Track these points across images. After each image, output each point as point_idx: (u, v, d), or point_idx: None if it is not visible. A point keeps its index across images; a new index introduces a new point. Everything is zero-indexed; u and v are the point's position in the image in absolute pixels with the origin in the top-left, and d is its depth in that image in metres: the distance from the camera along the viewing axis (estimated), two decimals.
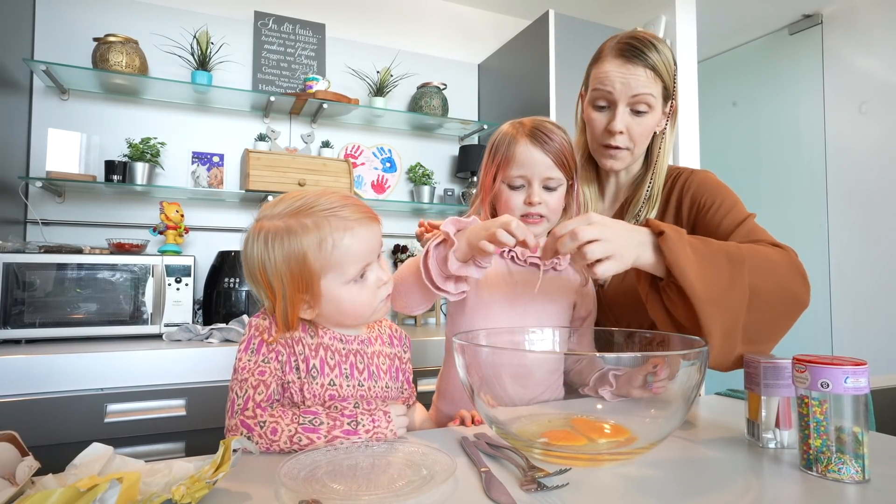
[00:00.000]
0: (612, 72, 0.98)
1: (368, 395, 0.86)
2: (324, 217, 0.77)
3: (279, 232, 0.78)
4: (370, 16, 2.62)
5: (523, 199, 0.97)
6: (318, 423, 0.75)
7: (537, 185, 0.97)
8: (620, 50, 0.99)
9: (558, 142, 0.96)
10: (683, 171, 1.08)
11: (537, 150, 0.95)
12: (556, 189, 0.98)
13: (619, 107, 1.00)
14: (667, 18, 2.51)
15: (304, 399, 0.80)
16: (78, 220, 2.06)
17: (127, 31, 2.10)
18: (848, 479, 0.64)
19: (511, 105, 2.51)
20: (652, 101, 0.99)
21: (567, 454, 0.71)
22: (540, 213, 0.97)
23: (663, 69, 0.99)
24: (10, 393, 1.37)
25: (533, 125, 0.98)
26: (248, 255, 0.81)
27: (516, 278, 1.01)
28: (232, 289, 1.93)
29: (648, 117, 1.00)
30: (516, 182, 0.97)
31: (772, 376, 0.77)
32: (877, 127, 2.67)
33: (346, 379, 0.84)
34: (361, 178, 2.54)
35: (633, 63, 0.97)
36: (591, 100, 1.03)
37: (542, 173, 0.96)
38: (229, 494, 0.61)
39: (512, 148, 0.97)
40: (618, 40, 1.00)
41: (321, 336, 0.84)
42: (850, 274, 2.76)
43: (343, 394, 0.83)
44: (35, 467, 0.58)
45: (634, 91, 0.98)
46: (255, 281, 0.81)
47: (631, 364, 0.76)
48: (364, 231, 0.79)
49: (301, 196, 0.81)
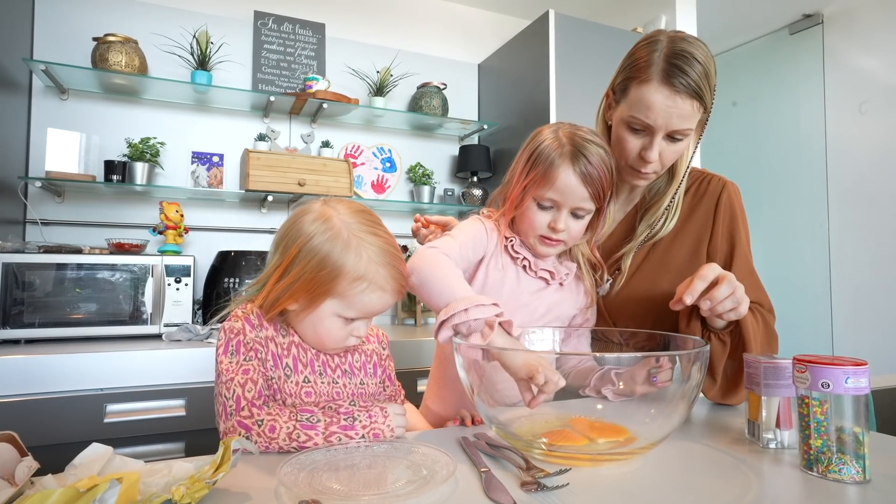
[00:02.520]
0: (658, 104, 0.90)
1: (344, 392, 0.87)
2: (376, 265, 0.81)
3: (340, 237, 0.80)
4: (370, 16, 2.62)
5: (548, 221, 0.94)
6: (315, 420, 0.75)
7: (566, 212, 0.93)
8: (668, 74, 0.89)
9: (599, 171, 0.91)
10: (713, 179, 1.04)
11: (577, 178, 0.90)
12: (584, 217, 0.95)
13: (657, 136, 0.93)
14: (667, 18, 2.51)
15: (284, 398, 0.82)
16: (77, 220, 2.06)
17: (127, 30, 2.10)
18: (848, 479, 0.64)
19: (511, 105, 2.51)
20: (689, 132, 0.94)
21: (567, 454, 0.71)
22: (561, 238, 0.95)
23: (707, 91, 0.91)
24: (9, 393, 1.37)
25: (576, 146, 0.91)
26: (298, 227, 0.82)
27: (523, 287, 0.99)
28: (232, 289, 1.93)
29: (683, 143, 0.96)
30: (546, 204, 0.94)
31: (772, 376, 0.77)
32: (877, 127, 2.67)
33: (320, 376, 0.85)
34: (361, 178, 2.54)
35: (681, 94, 0.89)
36: (627, 121, 0.96)
37: (574, 203, 0.92)
38: (229, 494, 0.61)
39: (552, 170, 0.91)
40: (664, 55, 0.90)
41: (292, 335, 0.86)
42: (850, 274, 2.76)
43: (318, 391, 0.84)
44: (34, 467, 0.58)
45: (676, 127, 0.92)
46: (284, 249, 0.82)
47: (631, 363, 0.76)
48: (388, 299, 0.84)
49: (373, 225, 0.84)
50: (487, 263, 0.98)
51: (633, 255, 1.04)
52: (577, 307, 1.03)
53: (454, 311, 0.79)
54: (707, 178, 1.05)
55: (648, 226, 1.03)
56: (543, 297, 0.99)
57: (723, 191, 1.02)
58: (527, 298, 0.98)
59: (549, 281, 0.99)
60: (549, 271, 0.99)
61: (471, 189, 2.57)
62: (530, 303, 0.98)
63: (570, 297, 1.02)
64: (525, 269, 0.99)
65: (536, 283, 0.99)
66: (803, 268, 2.92)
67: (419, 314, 2.43)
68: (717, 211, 1.01)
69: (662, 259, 1.02)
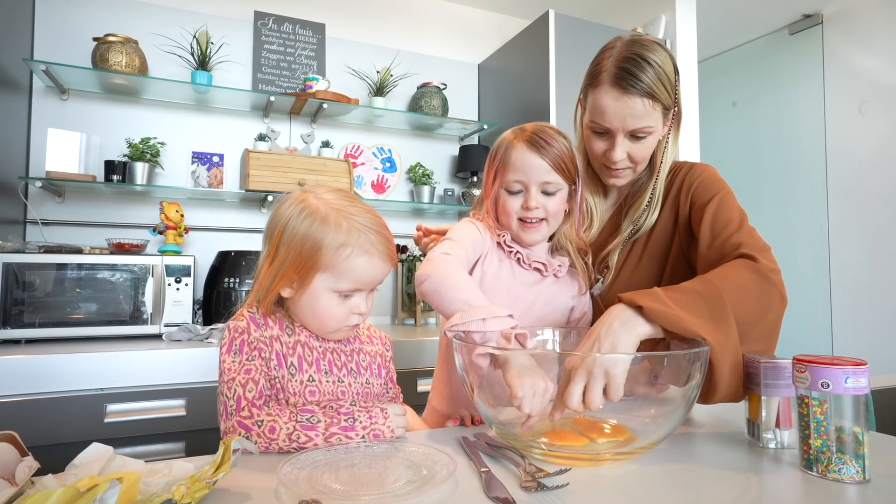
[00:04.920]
0: (609, 107, 0.94)
1: (349, 392, 0.87)
2: (357, 231, 0.81)
3: (316, 213, 0.82)
4: (370, 16, 2.62)
5: (521, 203, 0.97)
6: (315, 420, 0.75)
7: (535, 189, 0.96)
8: (616, 78, 0.93)
9: (557, 147, 0.95)
10: (683, 166, 1.07)
11: (534, 154, 0.94)
12: (556, 193, 0.97)
13: (618, 137, 0.97)
14: (667, 18, 2.51)
15: (287, 397, 0.82)
16: (78, 220, 2.06)
17: (127, 30, 2.10)
18: (848, 479, 0.64)
19: (511, 105, 2.51)
20: (651, 129, 0.96)
21: (567, 454, 0.71)
22: (538, 216, 0.97)
23: (661, 91, 0.94)
24: (10, 393, 1.37)
25: (532, 131, 0.97)
26: (278, 213, 0.85)
27: (519, 280, 1.01)
28: (232, 289, 1.93)
29: (649, 139, 0.98)
30: (514, 187, 0.97)
31: (772, 376, 0.77)
32: (877, 127, 2.67)
33: (325, 375, 0.85)
34: (361, 178, 2.54)
35: (630, 94, 0.92)
36: (590, 126, 1.00)
37: (539, 178, 0.95)
38: (229, 494, 0.61)
39: (509, 153, 0.96)
40: (615, 60, 0.94)
41: (298, 334, 0.86)
42: (850, 274, 2.76)
43: (322, 390, 0.84)
44: (35, 467, 0.58)
45: (631, 127, 0.95)
46: (269, 238, 0.85)
47: (633, 364, 0.76)
48: (378, 263, 0.84)
49: (352, 201, 0.86)
50: (484, 260, 1.01)
51: (620, 252, 1.06)
52: (572, 298, 1.05)
53: (471, 318, 0.80)
54: (678, 167, 1.06)
55: (632, 221, 1.05)
56: (540, 290, 1.02)
57: (686, 176, 1.03)
58: (522, 290, 1.01)
59: (544, 272, 1.01)
60: (542, 263, 1.01)
61: (471, 189, 2.57)
62: (526, 295, 1.01)
63: (566, 288, 1.05)
64: (519, 262, 1.01)
65: (531, 275, 1.02)
66: (803, 267, 2.92)
67: (419, 314, 2.43)
68: (680, 191, 1.03)
69: (647, 252, 1.04)
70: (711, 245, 0.92)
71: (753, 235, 0.92)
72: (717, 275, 0.84)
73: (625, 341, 0.76)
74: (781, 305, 0.85)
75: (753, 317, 0.82)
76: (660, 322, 0.76)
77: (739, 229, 0.92)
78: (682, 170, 1.06)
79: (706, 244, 0.93)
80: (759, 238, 0.92)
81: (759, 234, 0.94)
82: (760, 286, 0.83)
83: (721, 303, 0.80)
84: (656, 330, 0.78)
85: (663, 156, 1.03)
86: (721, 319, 0.79)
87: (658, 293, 0.80)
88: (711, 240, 0.93)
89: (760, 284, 0.84)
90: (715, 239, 0.92)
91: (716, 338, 0.77)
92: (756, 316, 0.83)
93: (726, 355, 0.77)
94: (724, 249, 0.90)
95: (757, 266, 0.85)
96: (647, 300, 0.77)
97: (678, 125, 1.03)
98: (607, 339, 0.76)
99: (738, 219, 0.93)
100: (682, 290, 0.81)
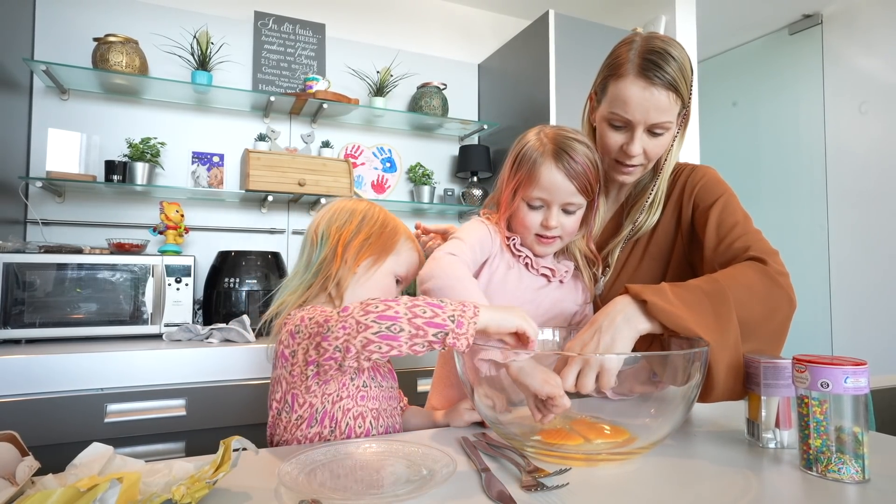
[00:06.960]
0: (633, 97, 0.93)
1: (379, 396, 0.90)
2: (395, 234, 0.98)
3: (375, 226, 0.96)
4: (370, 16, 2.62)
5: (540, 220, 0.95)
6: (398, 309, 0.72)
7: (556, 209, 0.94)
8: (643, 68, 0.92)
9: (583, 166, 0.92)
10: (685, 168, 1.07)
11: (563, 176, 0.92)
12: (575, 212, 0.96)
13: (638, 130, 0.95)
14: (667, 18, 2.51)
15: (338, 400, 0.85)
16: (78, 220, 2.06)
17: (127, 31, 2.10)
18: (848, 479, 0.64)
19: (511, 105, 2.51)
20: (669, 125, 0.96)
21: (562, 453, 0.71)
22: (556, 234, 0.96)
23: (683, 85, 0.93)
24: (10, 393, 1.37)
25: (558, 145, 0.93)
26: (328, 219, 0.95)
27: (526, 285, 1.00)
28: (232, 289, 1.93)
29: (665, 137, 0.98)
30: (535, 203, 0.95)
31: (772, 376, 0.77)
32: (877, 127, 2.67)
33: (372, 380, 0.90)
34: (361, 178, 2.54)
35: (655, 85, 0.91)
36: (608, 118, 0.98)
37: (563, 199, 0.94)
38: (229, 494, 0.61)
39: (538, 169, 0.93)
40: (639, 52, 0.93)
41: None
42: (850, 274, 2.76)
43: (370, 395, 0.89)
44: (35, 467, 0.58)
45: (654, 120, 0.94)
46: (321, 237, 0.93)
47: (632, 363, 0.76)
48: (414, 255, 1.00)
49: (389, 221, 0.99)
50: (492, 263, 0.99)
51: (620, 251, 1.06)
52: (577, 304, 1.04)
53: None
54: (680, 169, 1.07)
55: (633, 220, 1.05)
56: (545, 295, 1.01)
57: (688, 178, 1.03)
58: (530, 296, 1.00)
59: (550, 278, 1.01)
60: (550, 269, 1.00)
61: (471, 189, 2.57)
62: (533, 300, 1.00)
63: (570, 294, 1.04)
64: (527, 267, 1.00)
65: (538, 280, 1.01)
66: (803, 268, 2.92)
67: None
68: (682, 193, 1.03)
69: (648, 253, 1.04)
70: (717, 248, 0.93)
71: (761, 238, 0.92)
72: (725, 275, 0.85)
73: (624, 336, 0.77)
74: (790, 309, 0.85)
75: (759, 318, 0.82)
76: (660, 319, 0.77)
77: (746, 232, 0.92)
78: (684, 172, 1.06)
79: (711, 247, 0.93)
80: (766, 241, 0.92)
81: None
82: (768, 288, 0.84)
83: (725, 302, 0.80)
84: (656, 326, 0.78)
85: (667, 155, 1.03)
86: (722, 319, 0.79)
87: (665, 289, 0.80)
88: (717, 243, 0.93)
89: (768, 287, 0.84)
90: (721, 242, 0.93)
91: (713, 337, 0.77)
92: (762, 317, 0.83)
93: (723, 355, 0.78)
94: (730, 252, 0.91)
95: (766, 269, 0.85)
96: (653, 296, 0.78)
97: (685, 126, 1.03)
98: (608, 333, 0.77)
99: (744, 222, 0.94)
100: (688, 288, 0.82)
